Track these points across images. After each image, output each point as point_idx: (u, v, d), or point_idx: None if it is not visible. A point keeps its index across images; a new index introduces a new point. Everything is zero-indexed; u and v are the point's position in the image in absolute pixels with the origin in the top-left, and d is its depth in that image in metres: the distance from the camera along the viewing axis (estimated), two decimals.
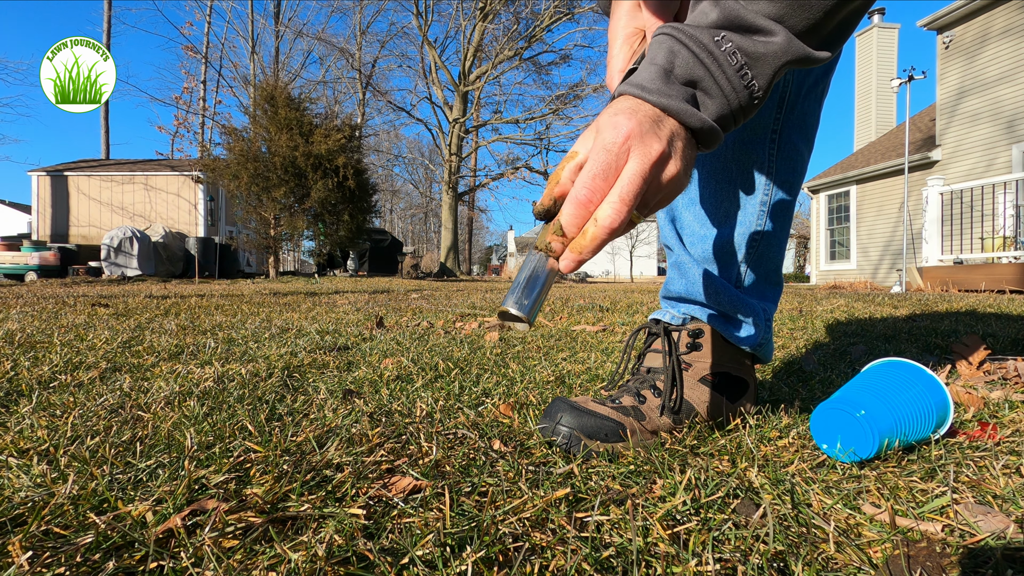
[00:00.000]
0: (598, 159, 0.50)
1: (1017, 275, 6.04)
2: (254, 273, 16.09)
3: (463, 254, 33.98)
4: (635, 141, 0.50)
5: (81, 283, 8.05)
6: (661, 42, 0.54)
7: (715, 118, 0.54)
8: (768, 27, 0.51)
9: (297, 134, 12.78)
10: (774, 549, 0.52)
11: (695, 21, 0.53)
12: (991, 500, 0.62)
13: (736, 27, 0.51)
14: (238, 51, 35.95)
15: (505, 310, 0.52)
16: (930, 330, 2.13)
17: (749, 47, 0.52)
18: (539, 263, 0.52)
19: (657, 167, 0.51)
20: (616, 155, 0.50)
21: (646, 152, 0.50)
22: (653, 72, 0.53)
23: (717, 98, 0.53)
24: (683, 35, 0.53)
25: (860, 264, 12.99)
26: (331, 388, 1.14)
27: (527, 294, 0.51)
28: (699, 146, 0.55)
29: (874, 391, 0.76)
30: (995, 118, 9.77)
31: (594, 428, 0.77)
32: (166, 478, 0.64)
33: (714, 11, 0.52)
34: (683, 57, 0.52)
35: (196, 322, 2.41)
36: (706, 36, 0.52)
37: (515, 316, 0.51)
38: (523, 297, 0.50)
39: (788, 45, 0.51)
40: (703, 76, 0.52)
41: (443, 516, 0.56)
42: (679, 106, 0.52)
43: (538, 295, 0.51)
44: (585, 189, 0.50)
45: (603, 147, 0.50)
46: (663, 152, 0.51)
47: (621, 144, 0.50)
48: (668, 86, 0.52)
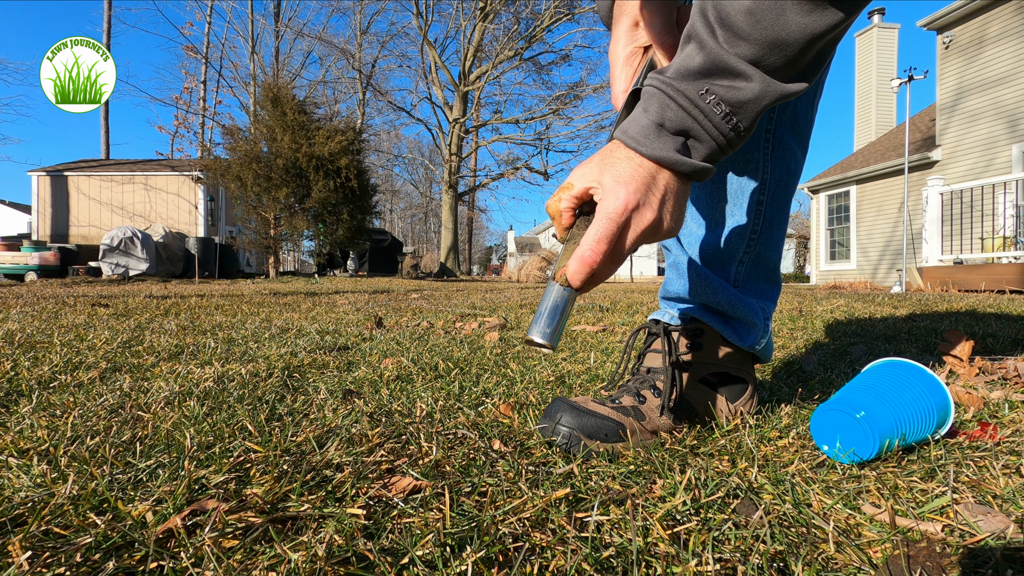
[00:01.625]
0: (604, 227, 0.58)
1: (1017, 275, 6.04)
2: (254, 273, 16.09)
3: (463, 254, 33.98)
4: (632, 212, 0.58)
5: (81, 283, 8.05)
6: (652, 95, 0.59)
7: (704, 158, 0.60)
8: (746, 72, 0.55)
9: (301, 135, 12.79)
10: (774, 549, 0.52)
11: (683, 65, 0.58)
12: (991, 500, 0.62)
13: (719, 71, 0.55)
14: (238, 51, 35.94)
15: (530, 339, 0.58)
16: (930, 330, 2.13)
17: (731, 96, 0.56)
18: (557, 294, 0.58)
19: (649, 230, 0.60)
20: (619, 225, 0.58)
21: (640, 221, 0.59)
22: (646, 125, 0.59)
23: (706, 142, 0.59)
24: (672, 90, 0.58)
25: (860, 264, 12.99)
26: (331, 388, 1.14)
27: (549, 323, 0.57)
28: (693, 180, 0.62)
29: (874, 392, 0.76)
30: (995, 118, 9.77)
31: (594, 428, 0.77)
32: (166, 478, 0.64)
33: (699, 55, 0.56)
34: (673, 111, 0.58)
35: (196, 322, 2.41)
36: (692, 90, 0.57)
37: (540, 344, 0.57)
38: (545, 326, 0.57)
39: (765, 89, 0.56)
40: (692, 126, 0.58)
41: (443, 516, 0.56)
42: (672, 158, 0.58)
43: (559, 322, 0.58)
44: (591, 252, 0.58)
45: (607, 216, 0.58)
46: (654, 220, 0.59)
47: (622, 214, 0.58)
48: (660, 139, 0.58)
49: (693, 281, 0.93)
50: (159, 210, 17.65)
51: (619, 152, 0.60)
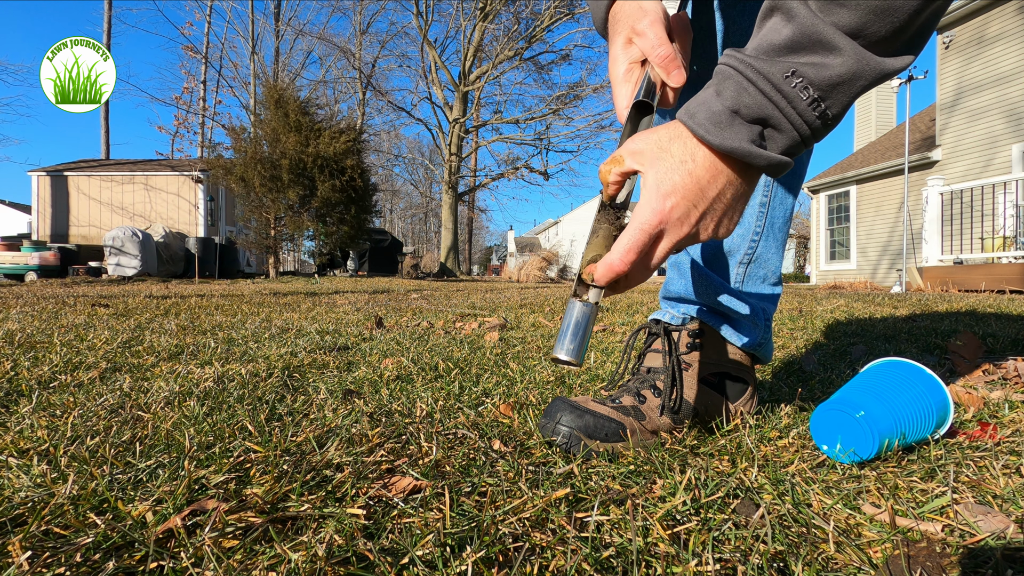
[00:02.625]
0: (634, 238, 0.55)
1: (1017, 275, 6.04)
2: (254, 273, 16.09)
3: (463, 254, 33.98)
4: (667, 226, 0.55)
5: (81, 283, 8.05)
6: (727, 76, 0.52)
7: (783, 150, 0.53)
8: (840, 45, 0.48)
9: (305, 136, 12.82)
10: (774, 549, 0.52)
11: (765, 40, 0.51)
12: (991, 500, 0.62)
13: (810, 44, 0.48)
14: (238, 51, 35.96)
15: (556, 357, 0.58)
16: (930, 330, 2.13)
17: (821, 77, 0.49)
18: (579, 311, 0.58)
19: (683, 241, 0.57)
20: (651, 236, 0.55)
21: (674, 235, 0.56)
22: (719, 111, 0.52)
23: (787, 132, 0.52)
24: (751, 71, 0.51)
25: (860, 264, 12.99)
26: (331, 388, 1.14)
27: (572, 339, 0.57)
28: (769, 175, 0.56)
29: (874, 392, 0.76)
30: (995, 117, 9.77)
31: (594, 428, 0.77)
32: (166, 478, 0.64)
33: (786, 27, 0.49)
34: (751, 96, 0.51)
35: (196, 322, 2.41)
36: (776, 71, 0.50)
37: (565, 361, 0.57)
38: (569, 343, 0.57)
39: (861, 66, 0.48)
40: (772, 114, 0.51)
41: (443, 516, 0.56)
42: (745, 149, 0.52)
43: (583, 338, 0.57)
44: (619, 262, 0.55)
45: (640, 227, 0.55)
46: (689, 233, 0.56)
47: (656, 228, 0.55)
48: (732, 127, 0.52)
49: (694, 281, 0.93)
50: (159, 210, 17.65)
51: (676, 148, 0.54)
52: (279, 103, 13.04)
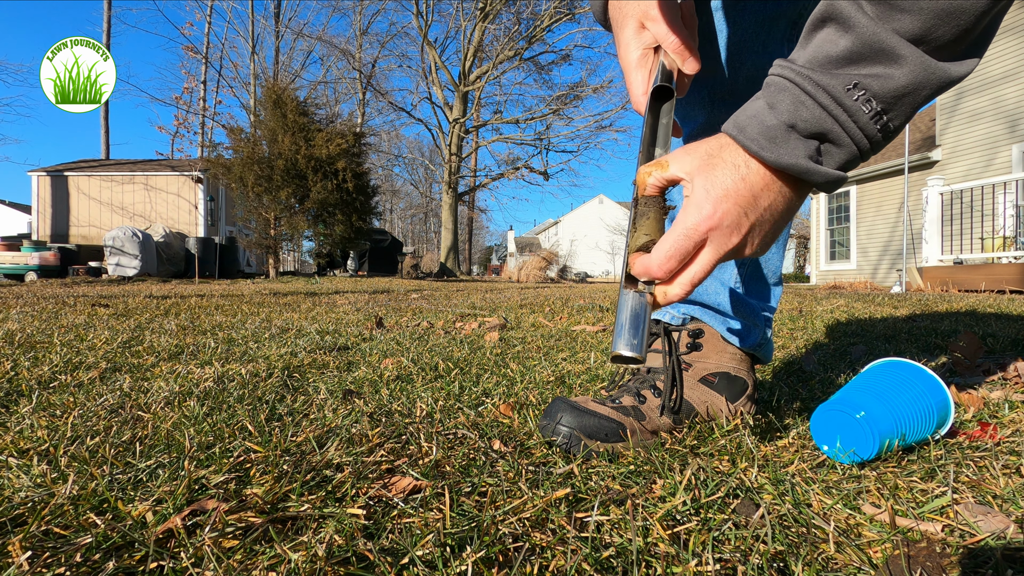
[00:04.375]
0: (677, 243, 0.52)
1: (1017, 275, 6.04)
2: (254, 273, 16.09)
3: (463, 254, 33.98)
4: (715, 232, 0.51)
5: (81, 283, 8.05)
6: (782, 88, 0.50)
7: (839, 165, 0.51)
8: (903, 54, 0.45)
9: (301, 138, 12.83)
10: (774, 549, 0.52)
11: (820, 51, 0.48)
12: (991, 500, 0.62)
13: (872, 54, 0.46)
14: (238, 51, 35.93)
15: (618, 354, 0.53)
16: (930, 330, 2.13)
17: (885, 89, 0.46)
18: (635, 301, 0.54)
19: (730, 253, 0.53)
20: (695, 243, 0.52)
21: (722, 244, 0.52)
22: (773, 125, 0.49)
23: (846, 147, 0.49)
24: (810, 84, 0.48)
25: (860, 264, 12.99)
26: (331, 388, 1.14)
27: (635, 333, 0.52)
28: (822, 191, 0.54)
29: (874, 392, 0.76)
30: (995, 118, 9.76)
31: (594, 428, 0.77)
32: (166, 478, 0.64)
33: (844, 37, 0.47)
34: (809, 110, 0.48)
35: (196, 322, 2.41)
36: (837, 85, 0.47)
37: (629, 357, 0.53)
38: (632, 337, 0.52)
39: (926, 74, 0.45)
40: (832, 129, 0.48)
41: (443, 516, 0.56)
42: (802, 166, 0.49)
43: (643, 331, 0.53)
44: (659, 267, 0.52)
45: (684, 232, 0.51)
46: (738, 244, 0.52)
47: (702, 234, 0.51)
48: (788, 143, 0.49)
49: None
50: (159, 210, 17.65)
51: (728, 155, 0.51)
52: (277, 103, 13.05)
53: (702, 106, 0.90)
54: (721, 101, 0.88)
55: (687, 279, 0.53)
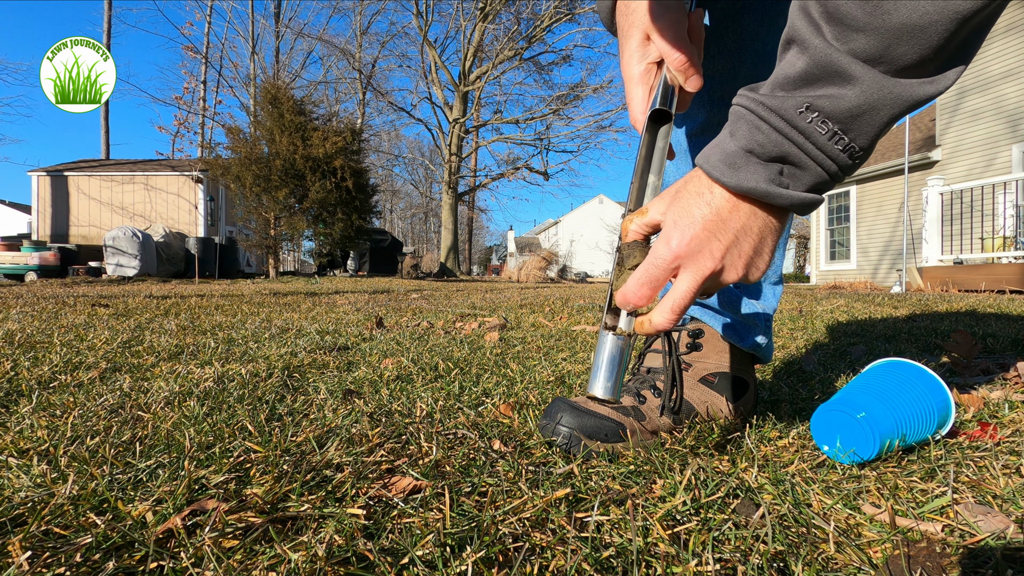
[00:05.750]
0: (647, 271, 0.54)
1: (1017, 275, 6.04)
2: (254, 273, 16.10)
3: (463, 254, 33.98)
4: (685, 260, 0.53)
5: (81, 283, 8.05)
6: (739, 116, 0.51)
7: (809, 188, 0.51)
8: (855, 74, 0.45)
9: (298, 137, 12.83)
10: (774, 549, 0.52)
11: (780, 73, 0.49)
12: (991, 500, 0.62)
13: (825, 75, 0.46)
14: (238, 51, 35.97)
15: (593, 396, 0.57)
16: (930, 330, 2.13)
17: (839, 110, 0.46)
18: (613, 344, 0.57)
19: (711, 279, 0.54)
20: (663, 271, 0.54)
21: (698, 270, 0.53)
22: (733, 152, 0.51)
23: (810, 169, 0.50)
24: (762, 108, 0.49)
25: (860, 264, 12.99)
26: (331, 388, 1.14)
27: (609, 375, 0.56)
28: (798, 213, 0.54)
29: (874, 392, 0.76)
30: (995, 117, 9.76)
31: (594, 428, 0.77)
32: (166, 478, 0.64)
33: (800, 59, 0.47)
34: (765, 134, 0.49)
35: (196, 322, 2.41)
36: (788, 107, 0.48)
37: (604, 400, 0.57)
38: (606, 380, 0.56)
39: (881, 94, 0.45)
40: (790, 151, 0.49)
41: (443, 516, 0.56)
42: (762, 189, 0.50)
43: (619, 374, 0.57)
44: (633, 295, 0.56)
45: (652, 262, 0.54)
46: (715, 269, 0.53)
47: (669, 262, 0.53)
48: (748, 167, 0.50)
49: None
50: (159, 210, 17.65)
51: (693, 185, 0.53)
52: (274, 102, 13.05)
53: (702, 105, 0.90)
54: (720, 100, 0.88)
55: (667, 306, 0.55)
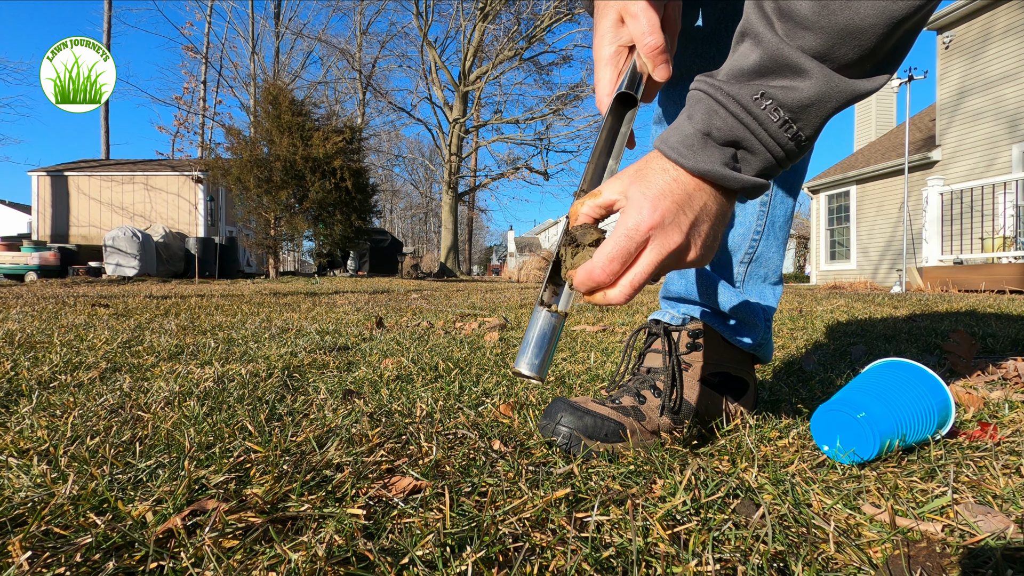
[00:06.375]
0: (619, 244, 0.52)
1: (1017, 275, 6.04)
2: (254, 273, 16.09)
3: (463, 254, 33.98)
4: (656, 231, 0.52)
5: (81, 283, 8.05)
6: (698, 100, 0.52)
7: (758, 172, 0.53)
8: (806, 68, 0.48)
9: (298, 138, 12.83)
10: (774, 549, 0.52)
11: (735, 64, 0.51)
12: (991, 500, 0.62)
13: (777, 68, 0.49)
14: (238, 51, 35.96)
15: (517, 371, 0.54)
16: (930, 330, 2.13)
17: (789, 99, 0.49)
18: (546, 322, 0.54)
19: (673, 255, 0.53)
20: (636, 243, 0.52)
21: (664, 244, 0.52)
22: (690, 134, 0.52)
23: (760, 155, 0.52)
24: (721, 94, 0.51)
25: (860, 264, 12.99)
26: (331, 388, 1.14)
27: (537, 353, 0.53)
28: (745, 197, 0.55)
29: (875, 392, 0.76)
30: (995, 118, 9.76)
31: (594, 428, 0.77)
32: (166, 478, 0.64)
33: (754, 52, 0.49)
34: (721, 118, 0.51)
35: (196, 322, 2.41)
36: (745, 94, 0.50)
37: (528, 376, 0.54)
38: (533, 357, 0.53)
39: (830, 88, 0.48)
40: (744, 136, 0.51)
41: (443, 516, 0.56)
42: (719, 172, 0.51)
43: (547, 351, 0.54)
44: (601, 271, 0.52)
45: (625, 233, 0.52)
46: (681, 244, 0.52)
47: (643, 234, 0.52)
48: (705, 150, 0.51)
49: (694, 281, 0.93)
50: (159, 210, 17.65)
51: (655, 163, 0.54)
52: (275, 103, 13.05)
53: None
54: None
55: (628, 281, 0.53)
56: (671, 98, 0.95)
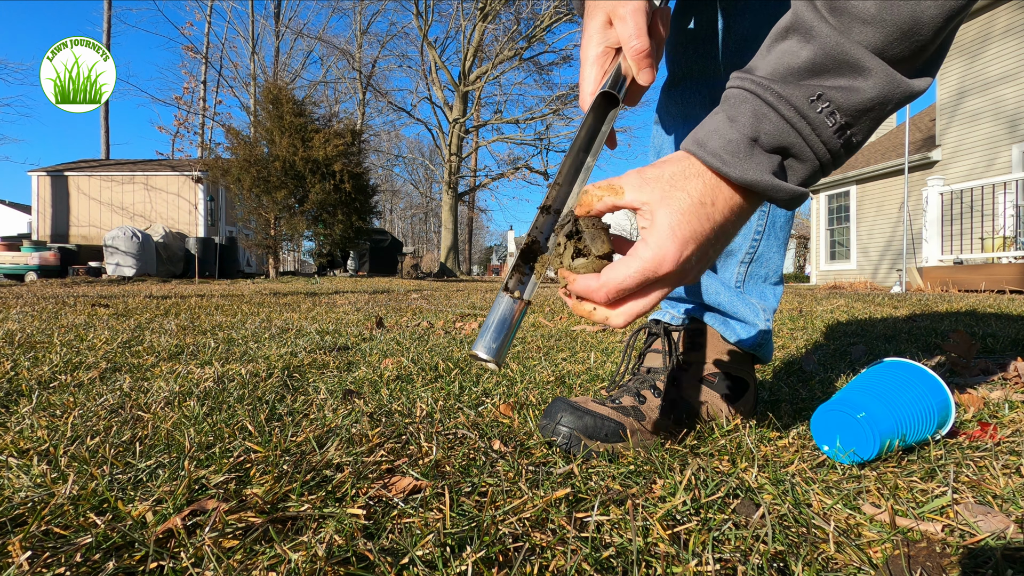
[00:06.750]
0: (632, 277, 0.47)
1: (1017, 275, 6.04)
2: (254, 273, 16.09)
3: (463, 254, 33.98)
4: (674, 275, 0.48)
5: (81, 283, 8.05)
6: (743, 100, 0.47)
7: (801, 181, 0.48)
8: (868, 66, 0.43)
9: (298, 139, 12.83)
10: (774, 549, 0.52)
11: (782, 63, 0.46)
12: (991, 500, 0.62)
13: (836, 65, 0.44)
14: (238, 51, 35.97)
15: (474, 353, 0.52)
16: (930, 330, 2.13)
17: (850, 102, 0.44)
18: (508, 308, 0.52)
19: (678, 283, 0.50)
20: (650, 281, 0.47)
21: (677, 282, 0.49)
22: (735, 139, 0.46)
23: (808, 163, 0.47)
24: (771, 95, 0.45)
25: (860, 264, 12.99)
26: (331, 388, 1.14)
27: (495, 337, 0.51)
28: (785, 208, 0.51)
29: (875, 392, 0.76)
30: (995, 118, 9.76)
31: (594, 428, 0.77)
32: (166, 478, 0.64)
33: (806, 48, 0.44)
34: (772, 123, 0.46)
35: (196, 322, 2.41)
36: (800, 96, 0.45)
37: (484, 359, 0.51)
38: (492, 341, 0.51)
39: (892, 88, 0.44)
40: (794, 143, 0.46)
41: (443, 516, 0.56)
42: (767, 182, 0.46)
43: (506, 336, 0.52)
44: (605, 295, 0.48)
45: (641, 269, 0.46)
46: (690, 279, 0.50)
47: (660, 276, 0.47)
48: (752, 157, 0.46)
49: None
50: (159, 210, 17.65)
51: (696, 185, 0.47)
52: (276, 103, 13.05)
53: (703, 106, 0.90)
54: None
55: (631, 311, 0.49)
56: (672, 98, 0.95)
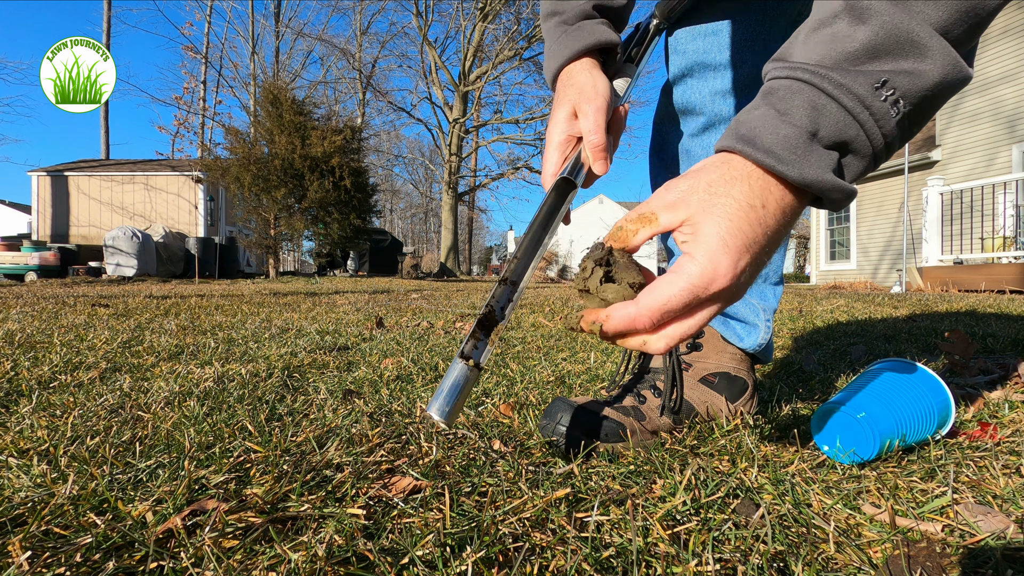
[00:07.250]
0: (678, 296, 0.41)
1: (1017, 275, 6.04)
2: (254, 273, 16.09)
3: (463, 254, 33.98)
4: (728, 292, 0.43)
5: (81, 283, 8.05)
6: (795, 91, 0.41)
7: (854, 178, 0.43)
8: (933, 46, 0.39)
9: (296, 137, 12.83)
10: (774, 549, 0.52)
11: (835, 49, 0.41)
12: (991, 500, 0.62)
13: (899, 45, 0.39)
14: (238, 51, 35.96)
15: (428, 414, 0.57)
16: (930, 330, 2.13)
17: (916, 88, 0.39)
18: (462, 374, 0.56)
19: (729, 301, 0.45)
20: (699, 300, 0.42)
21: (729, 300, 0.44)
22: (791, 135, 0.41)
23: (865, 158, 0.42)
24: (830, 84, 0.40)
25: (860, 264, 12.99)
26: (331, 388, 1.14)
27: (448, 401, 0.55)
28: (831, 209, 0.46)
29: (875, 392, 0.76)
30: (995, 118, 9.76)
31: (594, 428, 0.77)
32: (166, 478, 0.64)
33: (861, 30, 0.40)
34: (833, 115, 0.40)
35: (196, 322, 2.41)
36: (863, 84, 0.40)
37: (436, 419, 0.55)
38: (445, 404, 0.55)
39: (954, 71, 0.39)
40: (855, 136, 0.41)
41: (443, 516, 0.56)
42: (829, 181, 0.41)
43: (458, 401, 0.56)
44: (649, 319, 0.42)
45: (689, 286, 0.41)
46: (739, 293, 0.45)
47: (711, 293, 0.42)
48: (811, 155, 0.41)
49: None
50: (159, 210, 17.65)
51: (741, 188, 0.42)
52: (275, 103, 13.05)
53: (704, 105, 0.90)
54: (722, 98, 0.89)
55: (676, 333, 0.44)
56: (672, 99, 0.95)
